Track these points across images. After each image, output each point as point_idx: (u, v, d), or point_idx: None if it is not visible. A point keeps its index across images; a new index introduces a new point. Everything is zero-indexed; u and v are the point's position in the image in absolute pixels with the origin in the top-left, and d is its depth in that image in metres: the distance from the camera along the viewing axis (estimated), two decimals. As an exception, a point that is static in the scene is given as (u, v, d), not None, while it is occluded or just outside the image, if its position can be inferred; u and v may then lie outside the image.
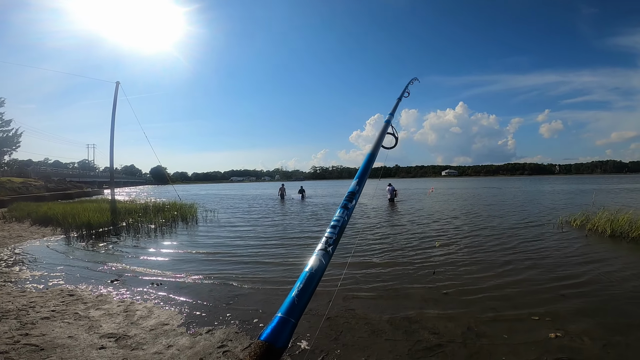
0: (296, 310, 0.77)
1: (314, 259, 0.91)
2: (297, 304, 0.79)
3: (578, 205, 14.37)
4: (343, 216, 1.09)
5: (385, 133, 1.68)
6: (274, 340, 0.71)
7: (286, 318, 0.76)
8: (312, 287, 0.84)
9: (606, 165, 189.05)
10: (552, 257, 6.12)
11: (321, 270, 0.89)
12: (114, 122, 15.36)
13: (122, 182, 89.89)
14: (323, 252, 0.94)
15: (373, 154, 1.48)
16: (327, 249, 0.95)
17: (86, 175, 64.70)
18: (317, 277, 0.87)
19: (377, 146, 1.56)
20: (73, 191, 33.44)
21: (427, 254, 6.51)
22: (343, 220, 1.07)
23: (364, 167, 1.36)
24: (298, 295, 0.81)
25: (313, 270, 0.88)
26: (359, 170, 1.33)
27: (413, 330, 3.34)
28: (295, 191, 24.26)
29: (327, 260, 0.93)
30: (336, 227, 1.04)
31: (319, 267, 0.89)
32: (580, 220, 9.44)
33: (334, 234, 1.01)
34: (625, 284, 4.61)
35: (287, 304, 0.79)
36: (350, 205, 1.14)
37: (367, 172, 1.34)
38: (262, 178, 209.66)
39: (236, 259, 6.47)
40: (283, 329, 0.74)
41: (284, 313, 0.77)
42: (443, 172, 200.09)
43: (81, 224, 10.17)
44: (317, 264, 0.90)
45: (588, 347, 2.95)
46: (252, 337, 3.25)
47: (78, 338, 3.19)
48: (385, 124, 1.73)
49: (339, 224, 1.05)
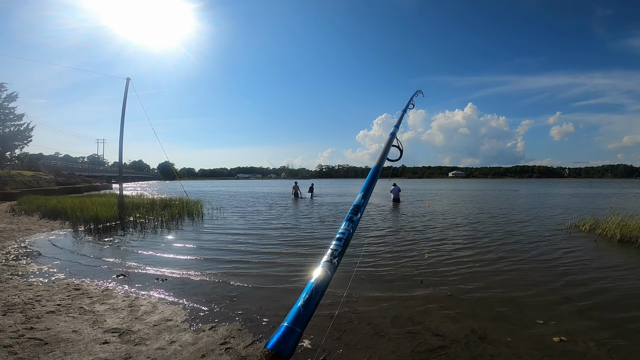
0: (302, 320, 0.80)
1: (320, 270, 0.93)
2: (302, 313, 0.81)
3: (587, 210, 14.17)
4: (348, 229, 1.11)
5: (391, 145, 1.67)
6: (280, 349, 0.73)
7: (292, 327, 0.78)
8: (318, 297, 0.87)
9: (617, 170, 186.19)
10: (559, 261, 6.04)
11: (326, 282, 0.91)
12: (124, 118, 15.43)
13: (130, 177, 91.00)
14: (329, 263, 0.96)
15: (378, 167, 1.49)
16: (333, 261, 0.97)
17: (95, 170, 65.61)
18: (322, 288, 0.89)
19: (383, 159, 1.57)
20: (82, 185, 33.93)
21: (431, 257, 6.46)
22: (348, 233, 1.09)
23: (370, 180, 1.36)
24: (304, 306, 0.83)
25: (319, 281, 0.90)
26: (364, 184, 1.33)
27: (416, 332, 3.32)
28: (306, 190, 24.09)
29: (333, 271, 0.95)
30: (341, 239, 1.06)
31: (325, 278, 0.91)
32: (590, 224, 9.31)
33: (339, 246, 1.03)
34: (631, 289, 4.53)
35: (293, 313, 0.81)
36: (355, 219, 1.16)
37: (372, 185, 1.35)
38: (268, 175, 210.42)
39: (241, 256, 6.49)
40: (289, 338, 0.76)
41: (290, 322, 0.79)
42: (450, 174, 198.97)
43: (89, 218, 10.28)
44: (323, 275, 0.92)
45: (592, 351, 2.91)
46: (254, 334, 3.25)
47: (82, 332, 3.23)
48: (390, 137, 1.72)
49: (344, 236, 1.07)
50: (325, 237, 8.50)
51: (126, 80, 15.66)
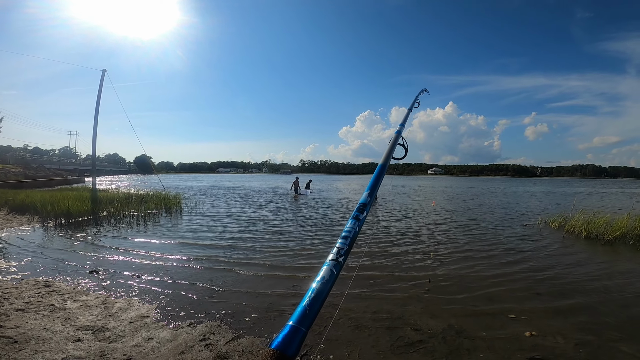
0: (307, 320, 0.79)
1: (325, 269, 0.92)
2: (308, 313, 0.80)
3: (556, 207, 14.77)
4: (354, 227, 1.09)
5: (396, 144, 1.67)
6: (285, 349, 0.72)
7: (297, 327, 0.77)
8: (323, 296, 0.86)
9: (586, 169, 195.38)
10: (530, 257, 6.29)
11: (332, 281, 0.90)
12: (98, 110, 14.86)
13: (105, 171, 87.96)
14: (334, 262, 0.95)
15: (384, 165, 1.47)
16: (339, 260, 0.96)
17: (67, 163, 62.94)
18: (328, 287, 0.88)
19: (388, 158, 1.55)
20: (53, 179, 32.42)
21: (410, 253, 6.59)
22: (354, 232, 1.08)
23: (375, 179, 1.35)
24: (309, 305, 0.82)
25: (324, 280, 0.89)
26: (370, 182, 1.32)
27: (395, 326, 3.38)
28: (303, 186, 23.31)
29: (338, 270, 0.94)
30: (347, 237, 1.04)
31: (330, 277, 0.90)
32: (559, 222, 9.73)
33: (345, 245, 1.02)
34: (597, 285, 4.76)
35: (298, 312, 0.80)
36: (361, 217, 1.15)
37: (378, 184, 1.34)
38: (249, 170, 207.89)
39: (221, 252, 6.39)
40: (294, 337, 0.75)
41: (295, 322, 0.78)
42: (430, 171, 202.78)
43: (60, 212, 9.87)
44: (328, 274, 0.91)
45: (561, 346, 3.04)
46: (235, 330, 3.23)
47: (54, 330, 3.10)
48: (396, 135, 1.72)
49: (350, 235, 1.06)
50: (309, 232, 8.49)
51: (102, 71, 15.10)
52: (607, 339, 3.20)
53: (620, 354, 2.93)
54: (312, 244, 7.10)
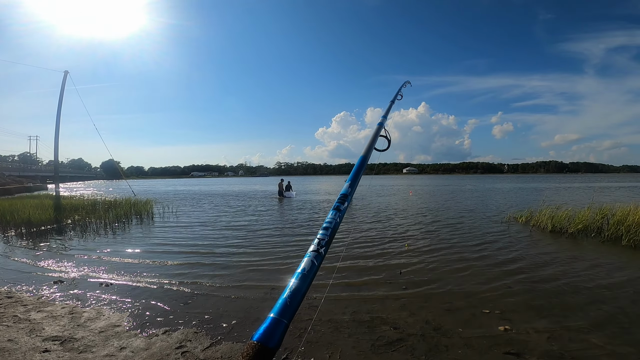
0: (288, 311, 0.78)
1: (306, 261, 0.91)
2: (289, 304, 0.79)
3: (523, 203, 15.43)
4: (335, 218, 1.08)
5: (379, 135, 1.67)
6: (266, 341, 0.71)
7: (278, 319, 0.76)
8: (305, 288, 0.84)
9: (549, 166, 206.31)
10: (500, 252, 6.51)
11: (313, 272, 0.89)
12: (60, 113, 14.19)
13: (69, 177, 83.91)
14: (315, 253, 0.94)
15: (366, 157, 1.47)
16: (320, 251, 0.95)
17: (27, 169, 59.62)
18: (309, 279, 0.87)
19: (370, 148, 1.55)
20: (12, 186, 30.55)
21: (386, 251, 6.67)
22: (335, 222, 1.07)
23: (357, 170, 1.35)
24: (290, 297, 0.80)
25: (305, 271, 0.88)
26: (352, 173, 1.32)
27: (375, 326, 3.41)
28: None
29: (320, 261, 0.93)
30: (328, 228, 1.03)
31: (312, 268, 0.89)
32: (526, 216, 10.17)
33: (326, 236, 1.00)
34: (564, 278, 4.97)
35: (279, 304, 0.79)
36: (342, 207, 1.14)
37: (359, 175, 1.33)
38: (225, 173, 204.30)
39: (194, 259, 6.23)
40: (275, 329, 0.74)
41: (276, 314, 0.77)
42: (404, 170, 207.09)
43: (20, 222, 9.31)
44: (309, 265, 0.90)
45: (534, 339, 3.13)
46: (212, 336, 3.14)
47: (19, 341, 2.91)
48: (378, 127, 1.72)
49: (331, 225, 1.05)
50: (291, 235, 8.43)
51: (64, 73, 14.43)
52: (577, 330, 3.31)
53: (590, 345, 3.02)
54: (293, 246, 7.05)
